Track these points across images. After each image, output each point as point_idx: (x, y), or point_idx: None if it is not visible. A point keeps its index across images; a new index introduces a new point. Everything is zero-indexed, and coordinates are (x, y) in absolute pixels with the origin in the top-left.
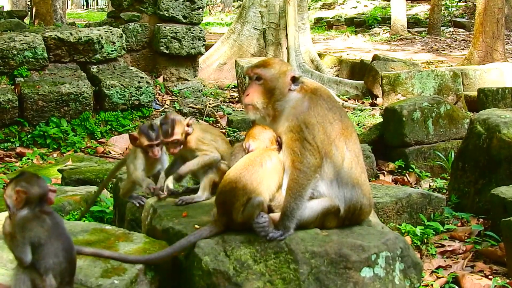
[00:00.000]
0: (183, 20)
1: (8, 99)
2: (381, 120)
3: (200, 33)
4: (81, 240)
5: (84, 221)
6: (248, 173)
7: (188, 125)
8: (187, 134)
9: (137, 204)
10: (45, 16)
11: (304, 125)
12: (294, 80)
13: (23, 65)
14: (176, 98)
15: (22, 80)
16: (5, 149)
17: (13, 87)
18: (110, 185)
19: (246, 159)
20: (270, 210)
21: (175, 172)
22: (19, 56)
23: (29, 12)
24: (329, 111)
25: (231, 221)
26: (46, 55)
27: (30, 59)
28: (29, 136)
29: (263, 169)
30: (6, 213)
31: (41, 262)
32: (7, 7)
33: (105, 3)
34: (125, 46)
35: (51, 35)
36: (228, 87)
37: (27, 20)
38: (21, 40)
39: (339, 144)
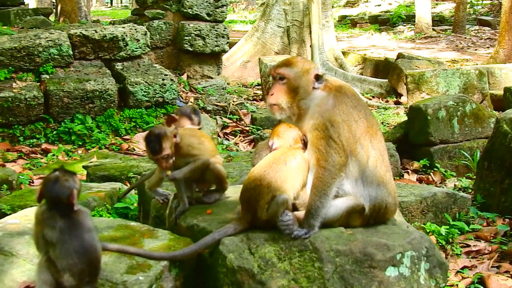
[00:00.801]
0: (207, 18)
1: (34, 96)
2: (406, 118)
3: (224, 30)
4: (106, 236)
5: (109, 217)
6: (273, 171)
7: (175, 136)
8: (176, 143)
9: (161, 201)
10: (70, 13)
11: (329, 123)
12: (318, 78)
13: (49, 62)
14: (200, 96)
15: (47, 77)
16: (31, 146)
17: (38, 84)
18: (134, 182)
19: (270, 157)
20: (294, 208)
21: (170, 175)
22: (44, 53)
23: (54, 10)
24: (354, 109)
25: (256, 219)
26: (71, 52)
27: (56, 56)
28: (54, 132)
29: (287, 168)
30: (33, 209)
31: (57, 261)
32: (33, 5)
33: (129, 1)
34: (149, 44)
35: (76, 33)
36: (252, 84)
37: (52, 18)
38: (47, 38)
39: (364, 143)
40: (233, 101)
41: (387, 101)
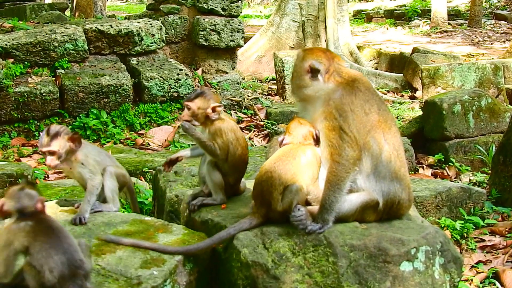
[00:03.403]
0: (222, 13)
1: (49, 91)
2: (421, 113)
3: (239, 25)
4: (121, 231)
5: (124, 212)
6: (282, 163)
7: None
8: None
9: None
10: (86, 8)
11: (337, 112)
12: (312, 71)
13: (64, 57)
14: (214, 91)
15: (63, 72)
16: None
17: (54, 78)
18: (149, 177)
19: (280, 152)
20: (307, 203)
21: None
22: (60, 48)
23: (69, 5)
24: (366, 102)
25: (270, 211)
26: (87, 47)
27: (71, 51)
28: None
29: (296, 162)
30: (49, 203)
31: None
32: (48, 0)
33: None
34: (164, 38)
35: (92, 27)
36: (267, 79)
37: (68, 13)
38: (62, 32)
39: (377, 136)
40: (248, 96)
41: (402, 96)
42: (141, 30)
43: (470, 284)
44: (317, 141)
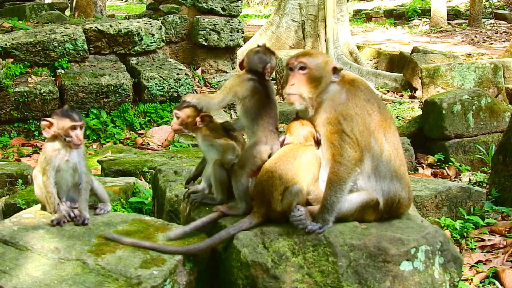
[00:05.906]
0: (222, 12)
1: (49, 91)
2: (421, 113)
3: (238, 25)
4: (121, 231)
5: (124, 212)
6: (283, 163)
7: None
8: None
9: None
10: (85, 8)
11: (342, 117)
12: (335, 71)
13: (64, 56)
14: (214, 90)
15: (62, 71)
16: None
17: (53, 78)
18: (149, 176)
19: (281, 152)
20: (307, 203)
21: None
22: (59, 48)
23: (69, 4)
24: (368, 102)
25: (270, 211)
26: (86, 47)
27: (71, 51)
28: None
29: (296, 162)
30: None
31: None
32: (48, 0)
33: None
34: (164, 38)
35: (91, 27)
36: None
37: (67, 12)
38: (62, 32)
39: (378, 136)
40: None
41: (402, 95)
42: (141, 30)
43: (470, 283)
44: (317, 142)
